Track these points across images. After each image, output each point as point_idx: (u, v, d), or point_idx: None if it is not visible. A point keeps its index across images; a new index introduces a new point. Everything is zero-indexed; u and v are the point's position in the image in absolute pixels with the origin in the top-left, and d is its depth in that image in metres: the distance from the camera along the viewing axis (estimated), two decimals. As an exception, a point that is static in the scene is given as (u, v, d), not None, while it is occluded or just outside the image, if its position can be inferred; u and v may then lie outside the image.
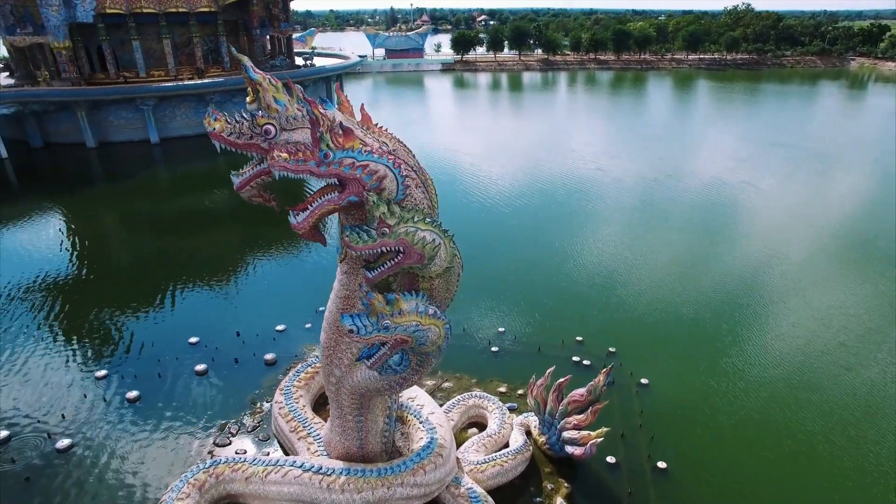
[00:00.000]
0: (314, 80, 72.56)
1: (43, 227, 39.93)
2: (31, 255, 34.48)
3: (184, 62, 66.29)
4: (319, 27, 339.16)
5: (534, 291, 28.34)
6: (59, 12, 58.03)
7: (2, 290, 29.32)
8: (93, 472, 17.55)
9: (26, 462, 17.95)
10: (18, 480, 17.28)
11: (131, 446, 18.54)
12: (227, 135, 11.47)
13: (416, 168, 13.80)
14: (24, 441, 18.82)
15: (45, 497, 16.69)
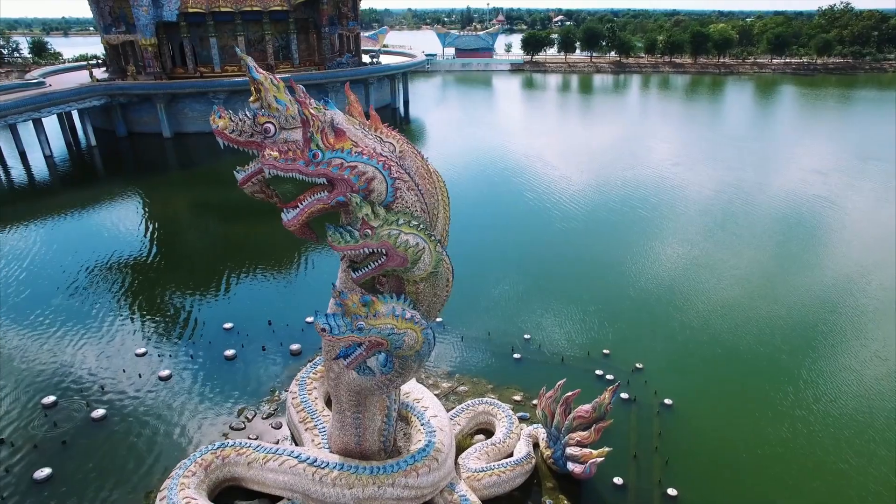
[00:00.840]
0: (378, 77, 73.93)
1: (121, 209, 43.28)
2: (107, 234, 37.52)
3: (256, 58, 69.20)
4: (396, 25, 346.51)
5: (568, 299, 27.64)
6: (148, 12, 62.24)
7: (79, 265, 32.03)
8: (121, 442, 18.73)
9: (66, 427, 19.40)
10: (56, 443, 18.70)
11: (157, 422, 19.62)
12: (229, 132, 11.85)
13: (420, 172, 13.78)
14: (67, 407, 20.36)
15: (78, 461, 17.97)
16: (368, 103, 72.97)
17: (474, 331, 24.83)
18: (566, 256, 32.85)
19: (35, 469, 17.52)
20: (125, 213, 42.61)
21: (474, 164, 54.36)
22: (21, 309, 27.43)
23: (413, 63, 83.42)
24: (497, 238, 35.81)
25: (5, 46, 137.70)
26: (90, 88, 60.41)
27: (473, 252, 33.92)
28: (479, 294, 28.46)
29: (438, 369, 22.18)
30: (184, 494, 15.13)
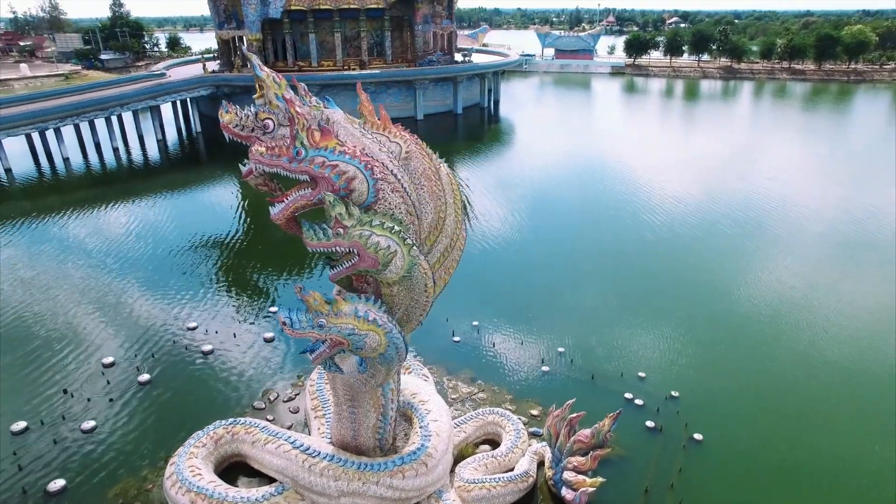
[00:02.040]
0: (467, 76, 74.15)
1: (217, 191, 46.97)
2: (202, 213, 41.18)
3: (351, 54, 72.03)
4: (503, 25, 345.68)
5: (613, 315, 26.31)
6: (255, 10, 66.60)
7: (170, 240, 35.37)
8: (158, 407, 20.33)
9: (116, 386, 21.34)
10: (105, 399, 20.63)
11: (192, 393, 21.06)
12: (233, 126, 12.32)
13: (427, 174, 13.66)
14: (121, 369, 22.36)
15: (119, 418, 19.74)
16: (456, 101, 73.50)
17: (507, 338, 24.32)
18: (623, 270, 31.23)
19: (83, 420, 19.45)
20: (221, 195, 46.19)
21: (558, 168, 53.02)
22: (111, 275, 30.60)
23: (504, 63, 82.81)
24: (558, 246, 34.82)
25: (148, 41, 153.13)
26: (200, 79, 65.81)
27: (529, 257, 33.23)
28: (522, 300, 27.82)
29: (462, 373, 21.95)
30: (190, 463, 16.09)
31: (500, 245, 34.89)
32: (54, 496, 16.71)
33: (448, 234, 15.20)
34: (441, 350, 23.55)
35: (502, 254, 33.74)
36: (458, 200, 15.34)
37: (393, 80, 68.07)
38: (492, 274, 31.14)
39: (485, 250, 34.32)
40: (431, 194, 14.10)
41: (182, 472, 15.80)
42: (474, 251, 34.39)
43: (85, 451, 18.40)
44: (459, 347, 23.79)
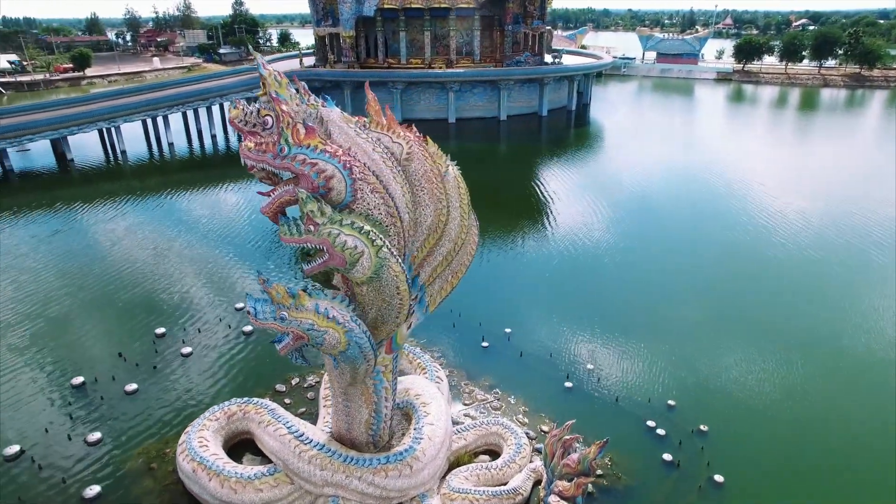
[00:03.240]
0: (555, 77, 72.62)
1: None
2: None
3: (440, 53, 72.92)
4: (611, 27, 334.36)
5: (654, 336, 24.73)
6: (350, 8, 69.21)
7: (254, 224, 37.57)
8: (194, 378, 21.86)
9: (162, 355, 23.18)
10: (149, 367, 22.49)
11: (226, 369, 22.41)
12: (238, 122, 12.89)
13: (428, 176, 13.63)
14: (169, 340, 24.25)
15: (159, 385, 21.46)
16: (542, 103, 72.29)
17: (537, 348, 23.66)
18: (681, 291, 29.25)
19: (128, 383, 21.34)
20: None
21: (640, 179, 49.78)
22: (192, 250, 33.46)
23: (595, 65, 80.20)
24: (618, 260, 33.23)
25: (262, 37, 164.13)
26: (289, 74, 69.13)
27: (582, 268, 32.09)
28: (563, 312, 26.93)
29: (482, 379, 21.65)
30: (201, 434, 17.16)
31: (557, 252, 33.93)
32: (91, 446, 18.47)
33: (451, 237, 15.07)
34: (467, 354, 23.38)
35: (555, 262, 32.81)
36: (464, 204, 15.15)
37: (478, 80, 68.20)
38: (538, 281, 30.45)
39: (539, 257, 33.57)
40: (431, 197, 14.02)
41: (191, 441, 16.89)
42: (526, 256, 33.81)
43: (123, 410, 20.16)
44: (486, 353, 23.48)
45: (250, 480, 15.50)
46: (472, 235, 16.68)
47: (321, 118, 12.45)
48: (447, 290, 16.52)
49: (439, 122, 69.34)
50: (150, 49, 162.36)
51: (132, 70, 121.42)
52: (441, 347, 23.82)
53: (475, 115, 70.39)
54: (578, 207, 41.72)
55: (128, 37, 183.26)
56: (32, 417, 19.77)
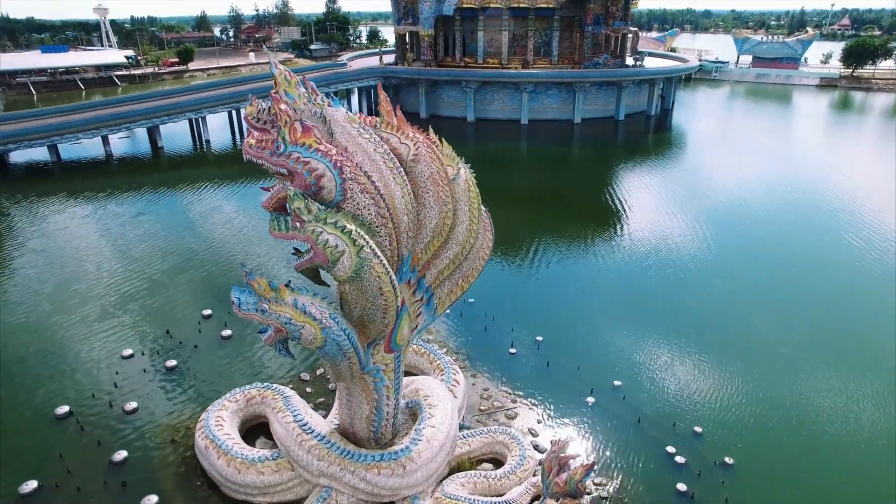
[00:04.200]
0: (634, 81, 69.83)
1: None
2: None
3: (518, 53, 72.18)
4: (711, 28, 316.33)
5: (696, 357, 23.22)
6: (430, 6, 70.02)
7: None
8: (231, 359, 23.04)
9: (203, 337, 24.58)
10: (191, 346, 23.87)
11: (259, 353, 23.40)
12: (251, 118, 13.43)
13: (434, 178, 13.60)
14: (213, 322, 25.67)
15: (197, 362, 22.79)
16: (618, 107, 69.82)
17: (566, 359, 22.90)
18: (736, 312, 27.27)
19: (169, 359, 22.83)
20: None
21: (725, 190, 46.31)
22: (252, 234, 34.99)
23: (678, 69, 76.10)
24: (672, 275, 31.44)
25: (351, 34, 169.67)
26: (370, 70, 71.36)
27: (632, 280, 30.74)
28: (600, 324, 25.94)
29: (503, 386, 21.29)
30: (218, 414, 18.06)
31: (612, 263, 32.65)
32: (127, 414, 19.94)
33: (459, 241, 14.95)
34: (493, 358, 23.06)
35: (608, 272, 31.61)
36: (474, 208, 14.98)
37: (552, 82, 66.89)
38: (584, 291, 29.47)
39: (592, 266, 32.49)
40: (437, 199, 13.96)
41: (209, 420, 17.81)
42: (579, 264, 32.74)
43: (160, 384, 21.60)
44: (512, 359, 23.06)
45: (254, 463, 16.13)
46: (486, 240, 16.46)
47: (324, 117, 12.67)
48: (457, 294, 16.40)
49: (511, 123, 68.74)
50: (249, 45, 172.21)
51: (229, 64, 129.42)
52: (468, 350, 23.65)
53: (548, 117, 69.11)
54: (646, 218, 39.73)
55: (230, 33, 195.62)
56: (84, 383, 21.61)
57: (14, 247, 36.32)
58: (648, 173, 52.60)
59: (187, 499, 16.47)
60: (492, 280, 30.33)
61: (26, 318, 26.72)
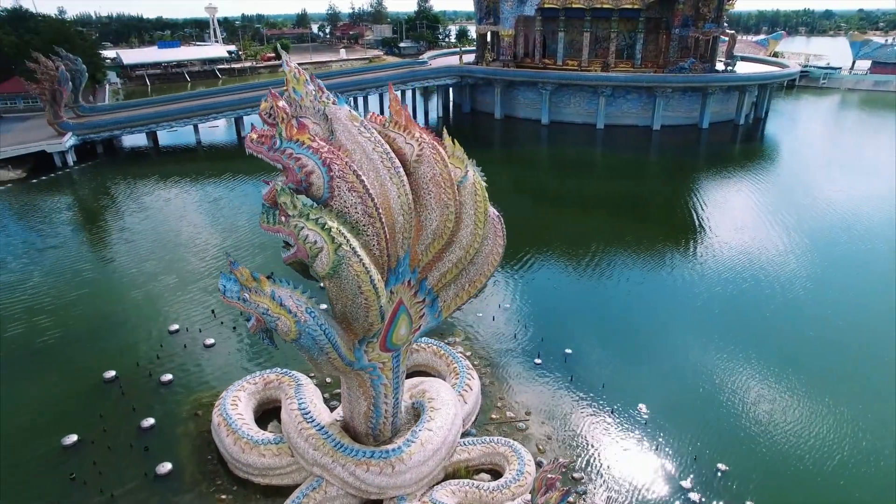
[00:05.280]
0: (722, 87, 65.56)
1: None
2: None
3: (599, 55, 70.02)
4: (830, 31, 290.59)
5: (739, 390, 21.49)
6: (512, 6, 69.43)
7: None
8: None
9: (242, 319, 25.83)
10: (230, 328, 25.20)
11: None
12: (264, 113, 13.99)
13: (436, 180, 13.61)
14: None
15: (236, 343, 23.99)
16: (703, 114, 65.77)
17: (591, 376, 22.02)
18: (802, 346, 24.96)
19: (208, 337, 24.25)
20: None
21: (820, 213, 41.04)
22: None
23: (775, 75, 70.20)
24: (738, 302, 29.22)
25: (441, 32, 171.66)
26: (447, 69, 71.89)
27: (693, 301, 29.02)
28: (641, 344, 24.64)
29: (520, 396, 20.82)
30: (236, 394, 18.98)
31: (672, 281, 30.82)
32: (162, 385, 21.42)
33: (462, 245, 14.82)
34: (517, 367, 22.61)
35: (662, 290, 29.85)
36: (480, 213, 14.78)
37: (632, 86, 64.19)
38: (632, 307, 27.90)
39: (649, 282, 30.81)
40: (438, 201, 13.91)
41: (226, 398, 18.76)
42: (634, 278, 31.08)
43: (197, 360, 23.00)
44: (536, 370, 22.48)
45: (257, 445, 16.80)
46: (496, 246, 16.20)
47: (326, 116, 12.93)
48: (463, 298, 16.26)
49: (587, 127, 66.79)
50: (343, 41, 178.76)
51: (321, 59, 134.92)
52: (493, 355, 23.33)
53: (626, 122, 66.50)
54: (722, 237, 36.28)
55: (327, 30, 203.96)
56: (132, 352, 23.42)
57: (108, 221, 40.11)
58: (731, 187, 48.59)
59: (197, 470, 17.44)
60: (538, 286, 29.76)
61: (98, 286, 29.40)
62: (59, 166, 51.13)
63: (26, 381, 22.01)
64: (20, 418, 20.02)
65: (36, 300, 28.13)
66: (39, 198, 44.38)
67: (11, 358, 23.50)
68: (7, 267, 32.33)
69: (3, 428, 19.57)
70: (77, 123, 54.69)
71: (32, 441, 18.87)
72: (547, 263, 32.74)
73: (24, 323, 26.15)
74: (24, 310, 27.25)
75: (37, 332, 25.35)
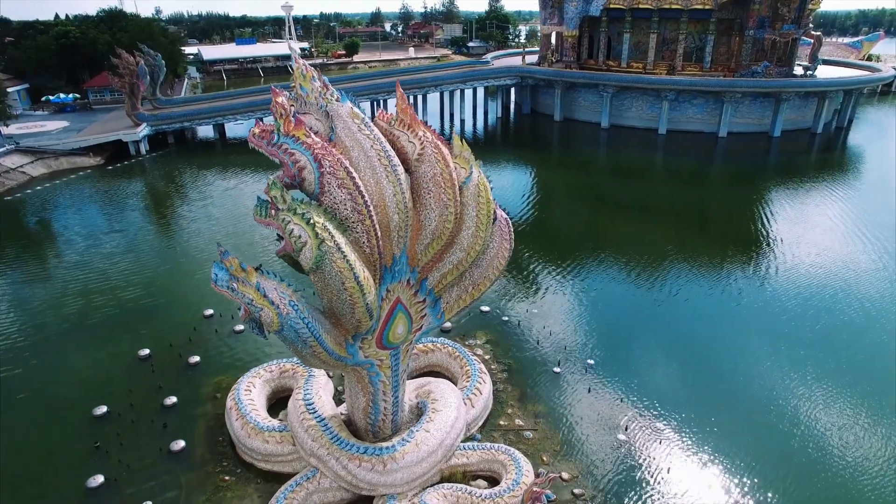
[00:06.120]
0: (797, 93, 61.31)
1: (513, 172, 52.46)
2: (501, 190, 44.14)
3: (665, 58, 67.36)
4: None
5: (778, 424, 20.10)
6: (577, 6, 67.99)
7: None
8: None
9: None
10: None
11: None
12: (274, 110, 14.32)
13: (437, 180, 13.60)
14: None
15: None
16: (775, 121, 61.74)
17: (612, 388, 21.21)
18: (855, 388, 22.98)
19: (238, 323, 25.16)
20: (513, 176, 50.80)
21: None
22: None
23: (861, 80, 64.57)
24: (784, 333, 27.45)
25: (511, 32, 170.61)
26: (507, 70, 71.30)
27: (739, 324, 27.45)
28: (674, 362, 23.47)
29: (532, 405, 20.34)
30: (250, 380, 19.64)
31: (721, 298, 29.03)
32: (190, 367, 22.47)
33: (463, 247, 14.66)
34: (534, 374, 22.13)
35: (713, 307, 28.21)
36: (482, 215, 14.56)
37: (697, 90, 61.25)
38: (672, 323, 26.48)
39: (698, 298, 28.97)
40: (437, 201, 13.82)
41: (241, 384, 19.45)
42: (681, 292, 29.30)
43: (225, 345, 23.96)
44: (554, 378, 21.91)
45: (262, 431, 17.30)
46: (502, 249, 15.94)
47: (327, 112, 13.09)
48: (466, 301, 16.08)
49: (648, 132, 64.37)
50: (414, 40, 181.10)
51: (389, 58, 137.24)
52: (510, 361, 22.93)
53: (691, 128, 63.56)
54: (793, 255, 33.34)
55: (399, 28, 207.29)
56: (167, 333, 24.69)
57: (170, 208, 42.58)
58: (805, 201, 44.74)
59: (207, 450, 18.17)
60: (575, 293, 28.92)
61: (149, 270, 31.25)
62: (133, 155, 54.70)
63: (74, 352, 23.70)
64: (61, 386, 21.60)
65: (94, 279, 30.26)
66: (112, 183, 47.64)
67: (65, 331, 25.38)
68: (75, 247, 34.95)
69: (45, 393, 21.18)
70: (151, 115, 58.30)
71: (68, 407, 20.31)
72: (591, 270, 31.74)
73: (82, 300, 28.17)
74: (82, 288, 29.37)
75: (91, 309, 27.25)
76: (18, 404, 20.74)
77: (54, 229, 38.65)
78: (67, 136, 54.74)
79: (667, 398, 20.78)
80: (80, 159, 51.75)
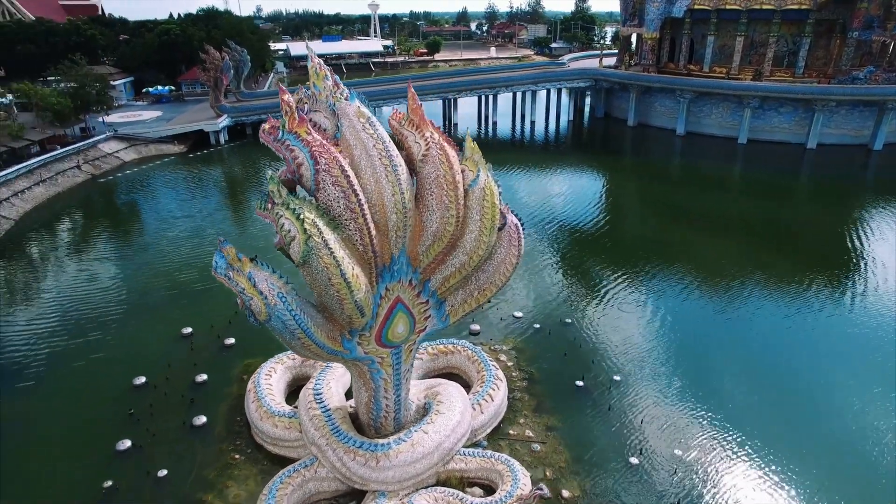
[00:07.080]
0: (866, 100, 55.27)
1: (581, 177, 51.74)
2: (567, 195, 44.73)
3: (753, 62, 63.19)
4: None
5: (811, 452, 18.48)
6: (658, 7, 65.24)
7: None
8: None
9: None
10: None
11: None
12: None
13: (439, 182, 13.68)
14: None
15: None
16: (877, 133, 56.24)
17: (634, 409, 20.26)
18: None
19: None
20: (573, 181, 50.19)
21: None
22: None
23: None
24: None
25: (596, 34, 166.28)
26: (580, 72, 69.56)
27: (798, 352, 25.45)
28: (713, 386, 22.02)
29: (547, 416, 19.79)
30: (271, 366, 20.47)
31: (789, 323, 26.92)
32: (225, 348, 23.73)
33: (466, 250, 14.59)
34: (555, 386, 21.52)
35: (778, 332, 26.07)
36: (487, 219, 14.40)
37: (784, 97, 56.89)
38: (722, 343, 24.93)
39: (754, 323, 27.03)
40: (439, 203, 13.82)
41: (263, 368, 20.31)
42: (743, 313, 27.33)
43: (260, 329, 24.94)
44: (575, 392, 21.22)
45: (273, 415, 17.98)
46: (509, 255, 15.70)
47: (333, 111, 13.37)
48: (472, 305, 15.96)
49: (727, 141, 60.53)
50: (498, 39, 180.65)
51: (470, 56, 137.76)
52: (533, 369, 22.43)
53: (775, 138, 59.21)
54: (886, 282, 30.22)
55: (484, 28, 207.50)
56: (211, 314, 26.14)
57: (237, 195, 45.05)
58: None
59: (224, 429, 19.15)
60: (620, 305, 27.84)
61: (207, 255, 33.21)
62: (213, 144, 58.31)
63: (129, 327, 25.72)
64: (112, 356, 23.49)
65: (158, 262, 32.68)
66: (191, 170, 51.11)
67: (124, 310, 27.48)
68: (147, 230, 37.83)
69: (97, 361, 23.10)
70: (232, 107, 61.86)
71: (112, 377, 22.03)
72: (643, 283, 30.30)
73: (144, 281, 30.44)
74: (146, 270, 31.75)
75: (150, 290, 29.42)
76: (73, 372, 22.73)
77: (136, 211, 42.04)
78: (158, 125, 59.22)
79: (693, 427, 19.58)
80: (166, 146, 55.87)
